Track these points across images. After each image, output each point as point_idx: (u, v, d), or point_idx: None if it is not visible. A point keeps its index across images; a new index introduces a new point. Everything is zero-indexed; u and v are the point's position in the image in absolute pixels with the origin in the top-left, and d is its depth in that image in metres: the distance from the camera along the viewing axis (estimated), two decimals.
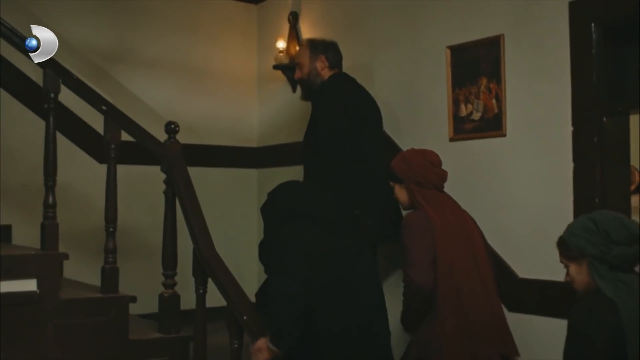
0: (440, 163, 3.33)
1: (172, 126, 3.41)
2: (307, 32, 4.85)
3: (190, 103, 5.03)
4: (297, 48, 4.68)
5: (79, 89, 3.35)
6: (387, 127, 4.12)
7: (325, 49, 4.02)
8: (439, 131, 3.86)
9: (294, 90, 4.98)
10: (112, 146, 3.30)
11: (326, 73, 3.97)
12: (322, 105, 3.84)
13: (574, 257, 2.42)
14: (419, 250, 3.08)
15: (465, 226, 3.25)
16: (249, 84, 4.26)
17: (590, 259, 2.37)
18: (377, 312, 2.86)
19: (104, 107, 3.33)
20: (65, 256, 3.14)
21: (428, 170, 3.26)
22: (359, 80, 4.01)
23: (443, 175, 3.32)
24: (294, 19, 4.91)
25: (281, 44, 4.88)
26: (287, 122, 5.02)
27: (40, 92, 3.32)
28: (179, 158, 3.36)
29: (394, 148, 3.99)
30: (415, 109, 4.05)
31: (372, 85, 4.30)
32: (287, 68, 4.84)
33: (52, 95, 3.20)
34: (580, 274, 2.42)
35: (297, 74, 4.10)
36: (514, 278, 3.48)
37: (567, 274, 2.48)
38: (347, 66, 4.11)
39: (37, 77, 4.02)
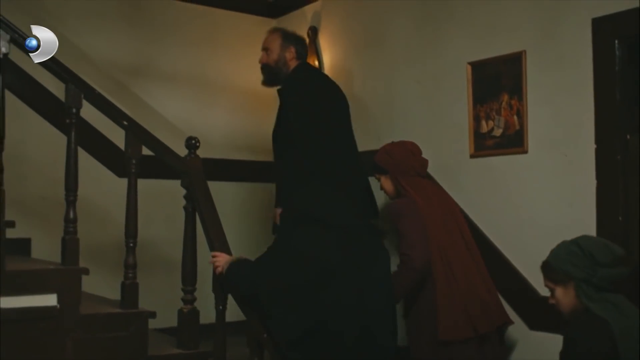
0: (420, 152, 3.60)
1: (193, 142, 3.40)
2: (326, 47, 4.85)
3: (208, 117, 5.06)
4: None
5: (100, 104, 3.34)
6: None
7: (296, 41, 4.11)
8: (460, 147, 3.84)
9: None
10: (133, 161, 3.29)
11: (292, 64, 4.05)
12: (294, 98, 3.86)
13: (561, 280, 2.55)
14: (416, 232, 3.30)
15: (449, 207, 3.50)
16: (268, 98, 4.27)
17: (577, 282, 2.49)
18: (380, 315, 2.80)
19: (125, 123, 3.32)
20: (86, 271, 3.12)
21: (410, 159, 3.54)
22: (379, 96, 3.99)
23: (424, 163, 3.61)
24: (313, 33, 4.91)
25: None
26: None
27: (60, 106, 3.32)
28: (199, 174, 3.34)
29: None
30: (435, 125, 4.03)
31: (392, 101, 4.30)
32: None
33: (74, 110, 3.20)
34: (566, 297, 2.55)
35: (263, 59, 4.11)
36: (535, 296, 3.45)
37: (552, 296, 2.61)
38: (366, 82, 4.09)
39: (58, 91, 4.05)
